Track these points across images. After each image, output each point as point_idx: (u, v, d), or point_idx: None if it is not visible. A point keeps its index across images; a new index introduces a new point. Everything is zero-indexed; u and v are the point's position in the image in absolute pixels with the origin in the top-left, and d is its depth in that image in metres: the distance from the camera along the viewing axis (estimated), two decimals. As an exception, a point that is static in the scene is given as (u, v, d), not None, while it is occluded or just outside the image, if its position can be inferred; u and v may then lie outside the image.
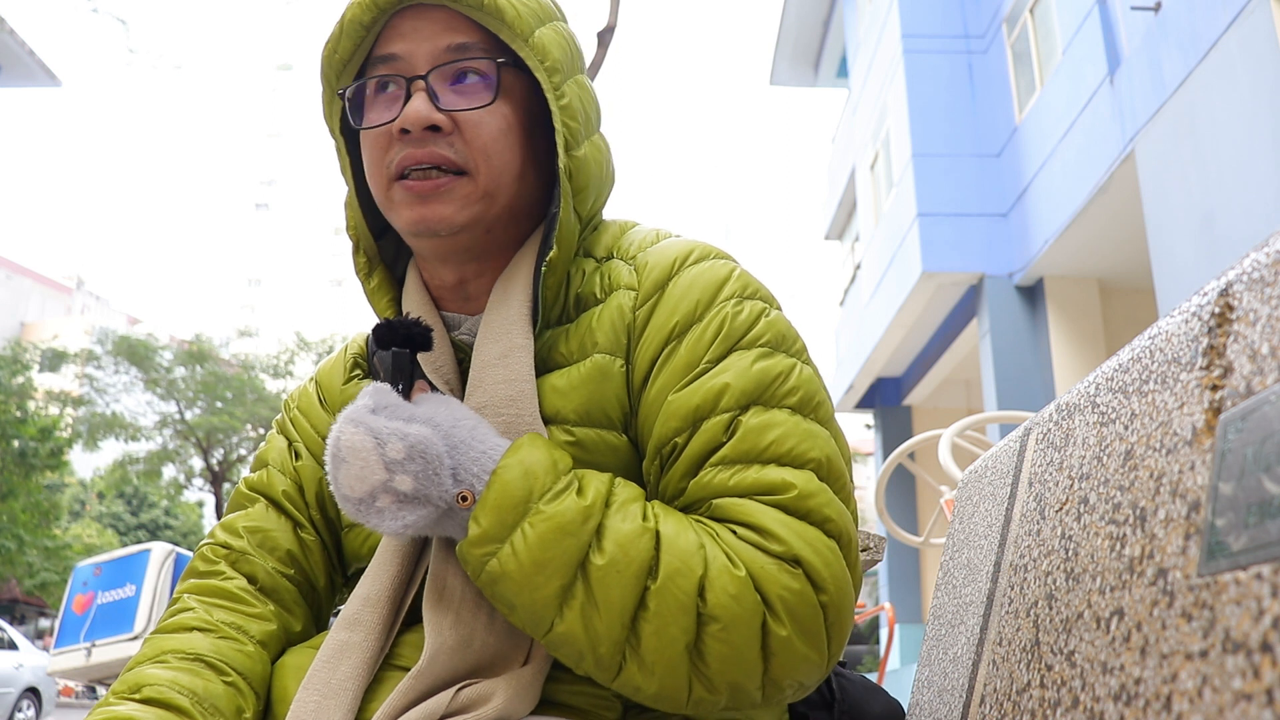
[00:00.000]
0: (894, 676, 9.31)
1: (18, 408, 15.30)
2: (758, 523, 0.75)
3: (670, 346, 0.84)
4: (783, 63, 15.81)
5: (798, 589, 0.73)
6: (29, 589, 18.20)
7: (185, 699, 0.78)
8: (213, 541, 0.94)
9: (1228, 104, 5.81)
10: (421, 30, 0.85)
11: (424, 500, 0.75)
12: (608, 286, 0.89)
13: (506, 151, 0.86)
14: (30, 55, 14.87)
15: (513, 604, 0.74)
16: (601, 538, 0.73)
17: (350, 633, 0.81)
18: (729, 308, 0.84)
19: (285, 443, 1.01)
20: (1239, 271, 0.56)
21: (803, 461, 0.78)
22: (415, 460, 0.74)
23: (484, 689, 0.77)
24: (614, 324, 0.86)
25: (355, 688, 0.78)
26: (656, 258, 0.89)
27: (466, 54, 0.85)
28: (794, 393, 0.81)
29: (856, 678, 1.07)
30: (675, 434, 0.81)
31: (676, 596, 0.71)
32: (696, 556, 0.73)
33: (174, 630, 0.86)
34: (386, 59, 0.86)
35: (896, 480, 10.96)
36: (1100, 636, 0.62)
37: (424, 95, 0.84)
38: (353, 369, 1.02)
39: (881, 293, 11.07)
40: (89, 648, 4.01)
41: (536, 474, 0.76)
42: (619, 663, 0.73)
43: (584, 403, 0.84)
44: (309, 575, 0.95)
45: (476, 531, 0.74)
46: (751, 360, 0.81)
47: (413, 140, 0.84)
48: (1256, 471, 0.48)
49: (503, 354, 0.85)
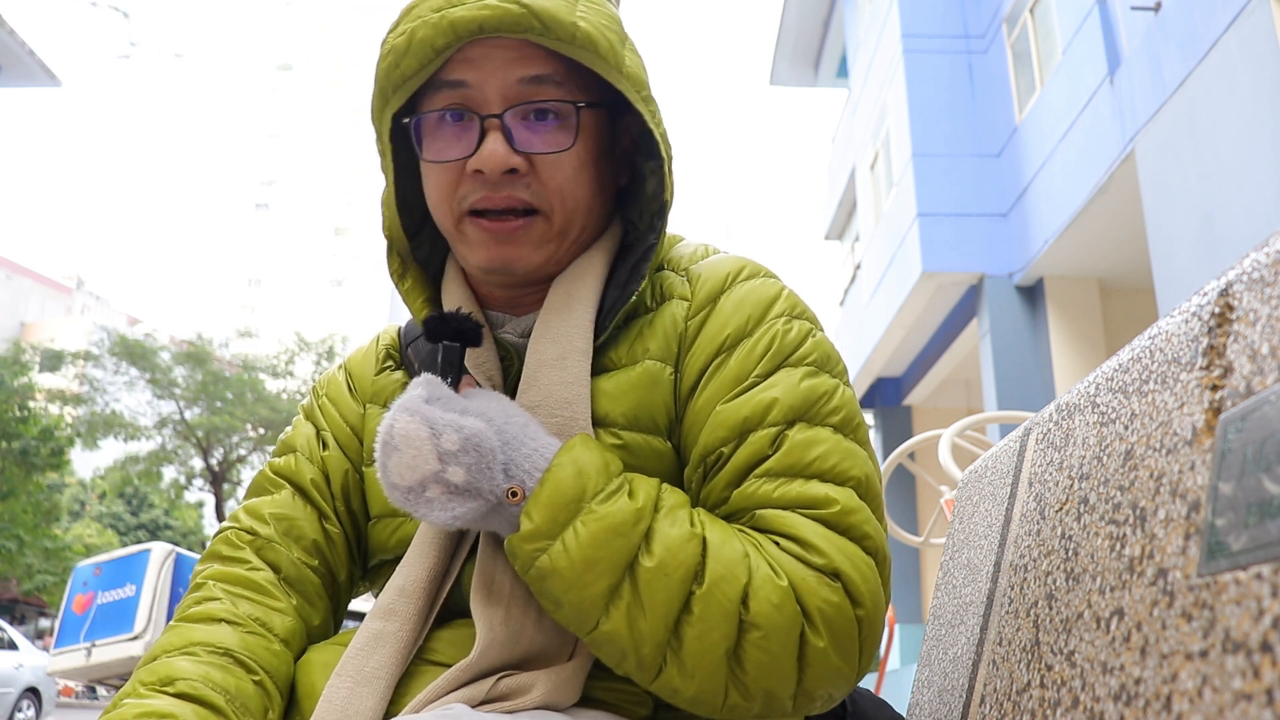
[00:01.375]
0: (894, 676, 9.31)
1: (19, 408, 15.29)
2: (800, 535, 0.76)
3: (720, 358, 0.85)
4: (783, 63, 15.81)
5: (836, 602, 0.74)
6: (29, 589, 18.19)
7: (220, 696, 0.77)
8: (237, 526, 0.93)
9: (1228, 104, 5.81)
10: (494, 58, 0.82)
11: (475, 493, 0.75)
12: (659, 296, 0.90)
13: (580, 189, 0.86)
14: (30, 55, 14.86)
15: (560, 600, 0.75)
16: (651, 541, 0.74)
17: (385, 622, 0.82)
18: (779, 325, 0.86)
19: (313, 430, 1.00)
20: (1239, 271, 0.56)
21: (845, 479, 0.79)
22: (469, 453, 0.75)
23: (524, 680, 0.77)
24: (666, 332, 0.88)
25: (389, 677, 0.78)
26: (710, 271, 0.91)
27: (541, 87, 0.83)
28: (837, 412, 0.83)
29: (865, 691, 1.08)
30: (722, 443, 0.82)
31: (720, 603, 0.72)
32: (741, 565, 0.74)
33: (201, 620, 0.85)
34: (455, 85, 0.83)
35: (896, 480, 10.95)
36: (1100, 636, 0.62)
37: (500, 135, 0.82)
38: (385, 360, 1.01)
39: (881, 293, 11.07)
40: (89, 648, 4.01)
41: (589, 474, 0.76)
42: (660, 664, 0.74)
43: (633, 407, 0.85)
44: (332, 568, 0.95)
45: (529, 527, 0.75)
46: (799, 378, 0.83)
47: (488, 182, 0.83)
48: (1256, 471, 0.48)
49: (561, 356, 0.85)
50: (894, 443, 12.35)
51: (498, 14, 0.79)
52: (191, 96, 61.96)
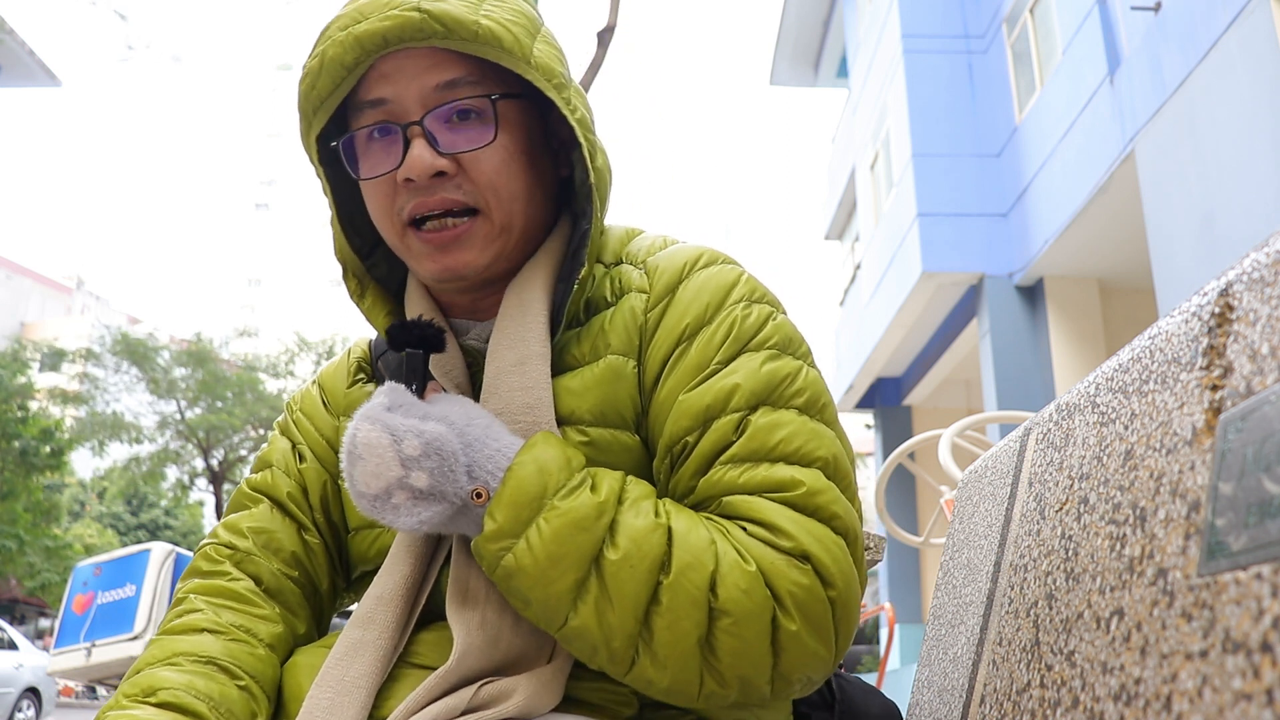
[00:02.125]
0: (894, 676, 9.31)
1: (19, 408, 15.29)
2: (767, 519, 0.76)
3: (681, 348, 0.85)
4: (783, 63, 15.81)
5: (807, 584, 0.74)
6: (29, 589, 18.18)
7: (202, 704, 0.78)
8: (216, 541, 0.94)
9: (1228, 104, 5.81)
10: (406, 69, 0.83)
11: (439, 497, 0.76)
12: (618, 290, 0.90)
13: (513, 181, 0.86)
14: (30, 55, 14.88)
15: (528, 599, 0.75)
16: (615, 533, 0.75)
17: (364, 631, 0.82)
18: (738, 311, 0.86)
19: (288, 445, 1.01)
20: (1239, 271, 0.56)
21: (810, 460, 0.79)
22: (431, 457, 0.75)
23: (505, 686, 0.77)
24: (626, 326, 0.88)
25: (369, 685, 0.78)
26: (667, 262, 0.90)
27: (457, 90, 0.84)
28: (801, 393, 0.83)
29: (854, 679, 1.08)
30: (686, 433, 0.82)
31: (689, 591, 0.72)
32: (708, 552, 0.74)
33: (183, 631, 0.86)
34: (375, 104, 0.84)
35: (896, 480, 10.96)
36: (1100, 636, 0.62)
37: (423, 141, 0.83)
38: (357, 373, 1.02)
39: (881, 293, 11.07)
40: (89, 648, 4.01)
41: (551, 470, 0.77)
42: (632, 656, 0.74)
43: (598, 403, 0.86)
44: (312, 578, 0.95)
45: (492, 527, 0.75)
46: (760, 362, 0.83)
47: (419, 189, 0.83)
48: (1256, 471, 0.48)
49: (519, 361, 0.86)
50: (894, 443, 12.35)
51: (399, 23, 0.80)
52: (191, 97, 61.96)
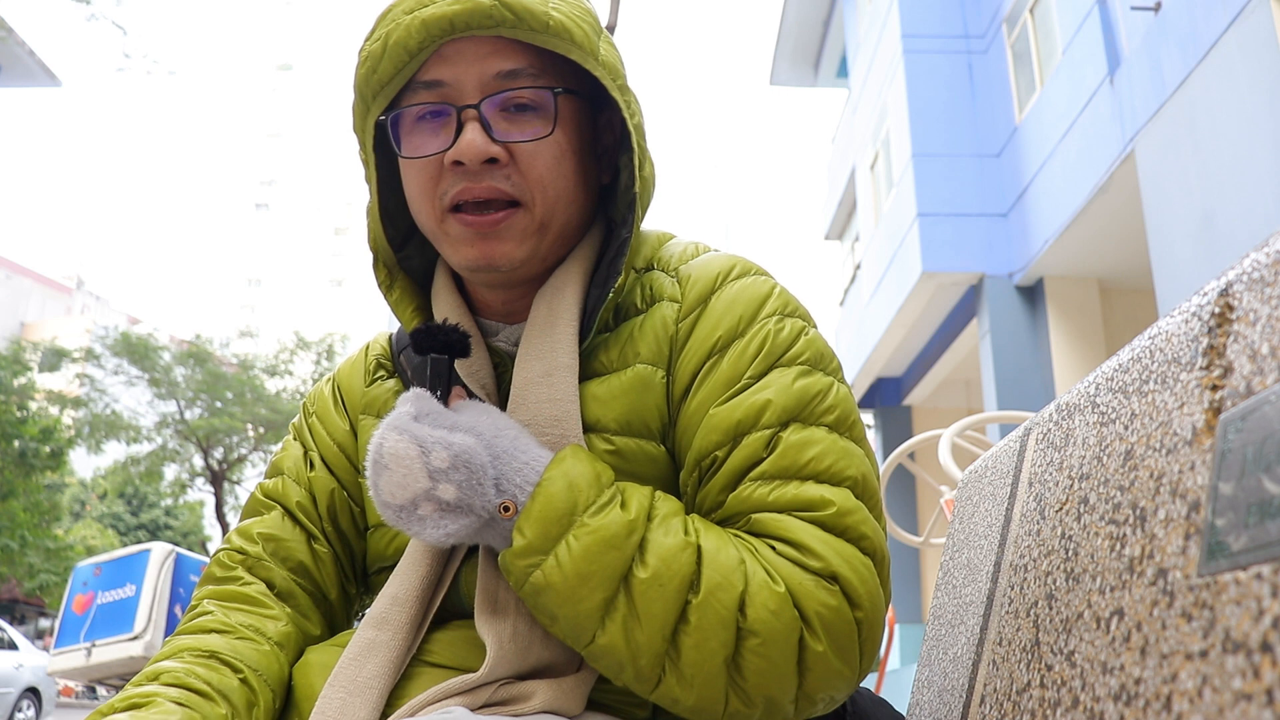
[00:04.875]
0: (894, 676, 9.31)
1: (19, 408, 15.28)
2: (797, 539, 0.75)
3: (712, 360, 0.84)
4: (783, 63, 15.80)
5: (834, 605, 0.73)
6: (29, 590, 18.19)
7: (201, 683, 0.78)
8: (229, 547, 0.94)
9: (1228, 104, 5.81)
10: (467, 54, 0.82)
11: (466, 510, 0.75)
12: (649, 297, 0.89)
13: (560, 179, 0.85)
14: (30, 55, 14.88)
15: (555, 615, 0.75)
16: (645, 551, 0.74)
17: (378, 631, 0.82)
18: (771, 325, 0.85)
19: (301, 450, 1.00)
20: (1239, 271, 0.56)
21: (840, 479, 0.79)
22: (459, 469, 0.74)
23: (525, 687, 0.77)
24: (656, 335, 0.87)
25: (381, 686, 0.78)
26: (700, 271, 0.89)
27: (518, 80, 0.82)
28: (831, 410, 0.82)
29: (865, 690, 1.08)
30: (716, 447, 0.81)
31: (717, 611, 0.72)
32: (737, 572, 0.73)
33: (192, 632, 0.86)
34: (432, 85, 0.83)
35: (896, 480, 10.95)
36: (1100, 636, 0.62)
37: (478, 126, 0.81)
38: (376, 370, 1.01)
39: (881, 293, 11.07)
40: (89, 648, 4.01)
41: (580, 487, 0.76)
42: (659, 675, 0.73)
43: (624, 412, 0.85)
44: (321, 587, 0.95)
45: (521, 543, 0.75)
46: (793, 378, 0.82)
47: (467, 174, 0.82)
48: (1256, 471, 0.48)
49: (546, 372, 0.85)
50: (894, 443, 12.35)
51: (469, 9, 0.79)
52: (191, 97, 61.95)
